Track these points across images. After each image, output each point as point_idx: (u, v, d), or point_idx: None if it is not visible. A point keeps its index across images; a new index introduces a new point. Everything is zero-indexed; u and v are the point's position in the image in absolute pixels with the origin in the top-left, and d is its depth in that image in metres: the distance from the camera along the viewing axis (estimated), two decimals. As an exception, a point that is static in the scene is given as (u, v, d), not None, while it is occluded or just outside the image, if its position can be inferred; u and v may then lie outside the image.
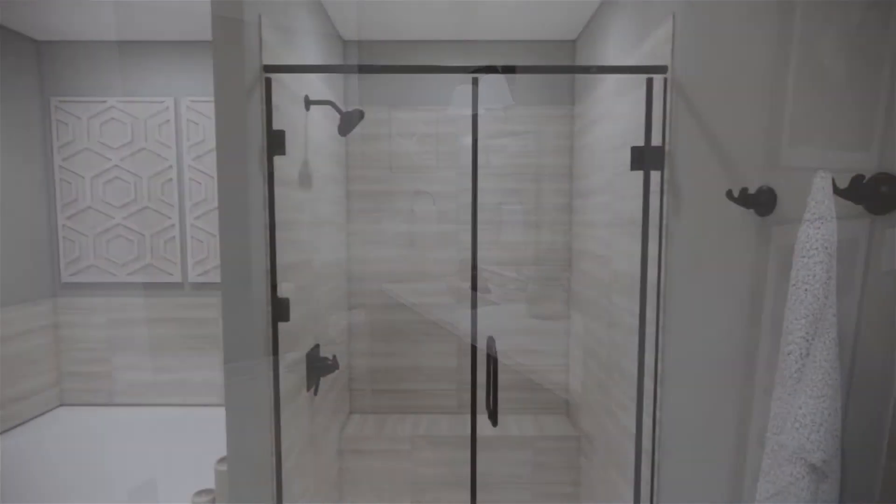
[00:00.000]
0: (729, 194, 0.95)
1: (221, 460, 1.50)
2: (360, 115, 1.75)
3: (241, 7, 1.24)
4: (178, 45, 2.38)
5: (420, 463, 2.26)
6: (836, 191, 0.66)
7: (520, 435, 2.25)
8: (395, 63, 2.32)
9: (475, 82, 1.44)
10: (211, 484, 2.19)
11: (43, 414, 2.38)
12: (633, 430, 1.55)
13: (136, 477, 2.31)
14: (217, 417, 2.40)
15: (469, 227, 2.41)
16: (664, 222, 1.36)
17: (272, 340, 1.41)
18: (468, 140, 2.39)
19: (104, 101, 2.38)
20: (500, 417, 2.44)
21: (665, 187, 1.35)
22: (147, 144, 2.39)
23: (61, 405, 2.48)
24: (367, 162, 2.42)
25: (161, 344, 2.46)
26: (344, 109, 2.17)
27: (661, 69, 1.32)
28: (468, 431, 2.28)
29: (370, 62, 2.35)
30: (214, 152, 2.39)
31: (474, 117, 1.36)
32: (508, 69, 1.33)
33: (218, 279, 2.44)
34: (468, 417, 2.43)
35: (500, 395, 2.47)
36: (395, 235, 2.44)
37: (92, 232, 2.42)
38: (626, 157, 1.66)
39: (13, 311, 2.22)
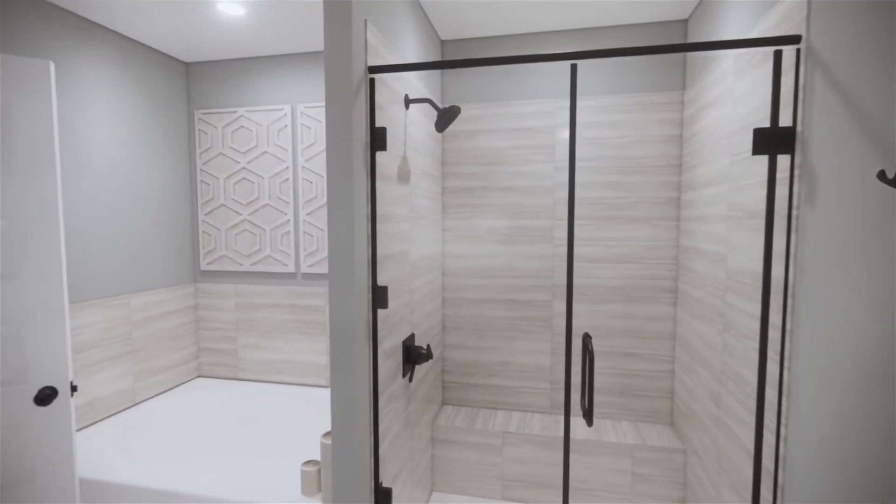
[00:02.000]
0: (881, 176, 0.81)
1: (326, 434, 1.63)
2: (457, 110, 1.79)
3: (350, 13, 1.33)
4: (294, 58, 2.62)
5: (510, 459, 2.24)
6: None
7: (617, 442, 2.13)
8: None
9: (574, 69, 1.39)
10: (317, 455, 2.39)
11: (184, 383, 2.77)
12: (752, 447, 1.39)
13: (256, 442, 2.59)
14: (322, 396, 2.61)
15: (565, 222, 2.34)
16: (794, 213, 1.20)
17: (371, 326, 1.49)
18: (565, 133, 2.32)
19: (235, 111, 2.71)
20: (596, 422, 2.33)
21: (796, 173, 1.19)
22: (268, 148, 2.68)
23: (199, 376, 2.87)
24: (462, 158, 2.46)
25: (277, 328, 2.74)
26: (441, 106, 2.23)
27: (793, 39, 1.16)
28: (561, 433, 2.21)
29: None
30: (323, 154, 2.60)
31: (572, 107, 1.32)
32: (610, 52, 1.26)
33: (325, 270, 2.65)
34: (561, 419, 2.36)
35: (598, 398, 2.37)
36: (490, 231, 2.45)
37: (224, 226, 2.77)
38: (746, 142, 1.50)
39: (166, 292, 2.62)
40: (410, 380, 1.87)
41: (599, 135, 2.30)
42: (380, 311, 1.55)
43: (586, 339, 1.42)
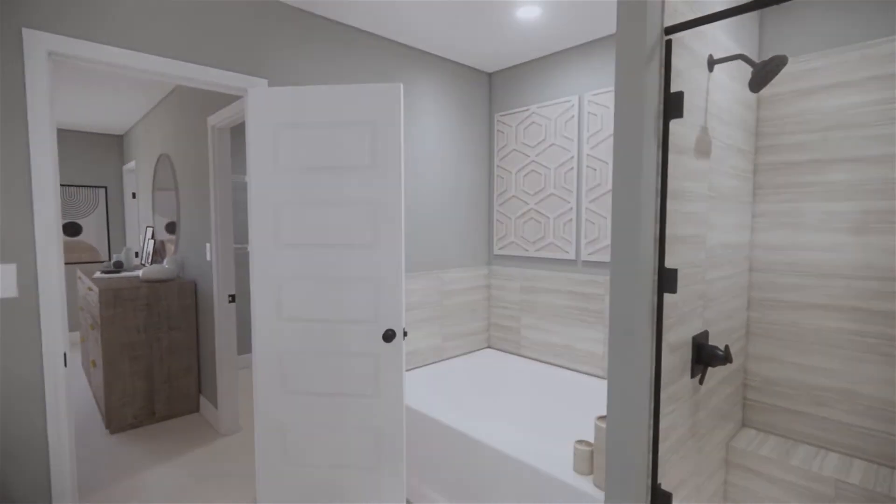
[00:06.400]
0: None
1: (601, 417, 1.60)
2: (782, 60, 1.44)
3: (645, -25, 1.25)
4: (581, 48, 2.65)
5: (848, 519, 1.68)
6: None
7: None
8: (840, -10, 1.78)
9: None
10: (590, 437, 2.38)
11: (477, 350, 3.21)
12: None
13: (533, 412, 2.77)
14: (595, 386, 2.57)
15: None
16: None
17: (656, 310, 1.37)
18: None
19: (527, 110, 2.94)
20: None
21: None
22: (555, 140, 2.80)
23: (488, 347, 3.28)
24: (786, 126, 1.97)
25: (555, 312, 2.85)
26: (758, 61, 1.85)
27: None
28: (948, 508, 1.52)
29: None
30: (608, 140, 2.54)
31: None
32: None
33: (605, 259, 2.59)
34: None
35: None
36: (826, 217, 1.88)
37: (514, 215, 3.06)
38: None
39: (466, 271, 3.10)
40: (701, 382, 1.63)
41: None
42: (666, 297, 1.41)
43: None
